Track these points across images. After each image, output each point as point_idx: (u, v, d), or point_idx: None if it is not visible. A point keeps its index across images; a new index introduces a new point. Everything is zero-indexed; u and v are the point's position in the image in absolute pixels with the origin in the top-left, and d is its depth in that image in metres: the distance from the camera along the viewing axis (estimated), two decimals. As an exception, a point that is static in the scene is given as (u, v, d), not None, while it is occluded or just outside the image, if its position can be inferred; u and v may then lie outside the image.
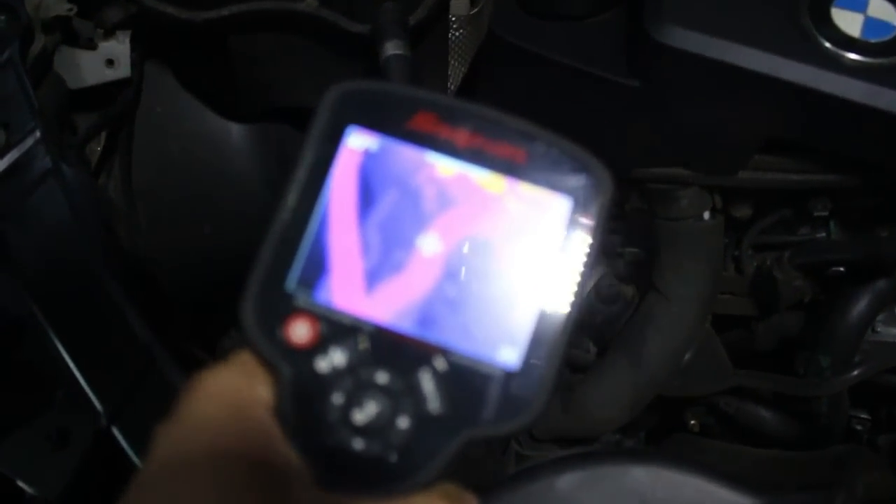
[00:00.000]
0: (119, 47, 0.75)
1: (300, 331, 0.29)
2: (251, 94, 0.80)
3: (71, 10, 0.71)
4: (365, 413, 0.28)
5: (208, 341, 0.86)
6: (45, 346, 0.59)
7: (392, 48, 0.64)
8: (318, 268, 0.29)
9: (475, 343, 0.29)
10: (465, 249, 0.30)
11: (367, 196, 0.30)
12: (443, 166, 0.30)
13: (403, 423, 0.28)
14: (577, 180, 0.30)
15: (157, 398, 0.60)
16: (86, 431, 0.58)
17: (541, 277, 0.29)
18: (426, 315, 0.29)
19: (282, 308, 0.29)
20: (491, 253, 0.30)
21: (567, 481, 0.53)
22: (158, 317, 0.65)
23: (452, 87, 0.89)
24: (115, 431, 0.59)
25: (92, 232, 0.62)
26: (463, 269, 0.30)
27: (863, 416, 0.82)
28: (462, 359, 0.29)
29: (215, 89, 0.81)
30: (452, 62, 0.88)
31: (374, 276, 0.29)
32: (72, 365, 0.59)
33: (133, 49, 0.77)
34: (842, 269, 0.72)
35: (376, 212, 0.30)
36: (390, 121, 0.30)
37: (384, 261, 0.29)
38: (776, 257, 0.74)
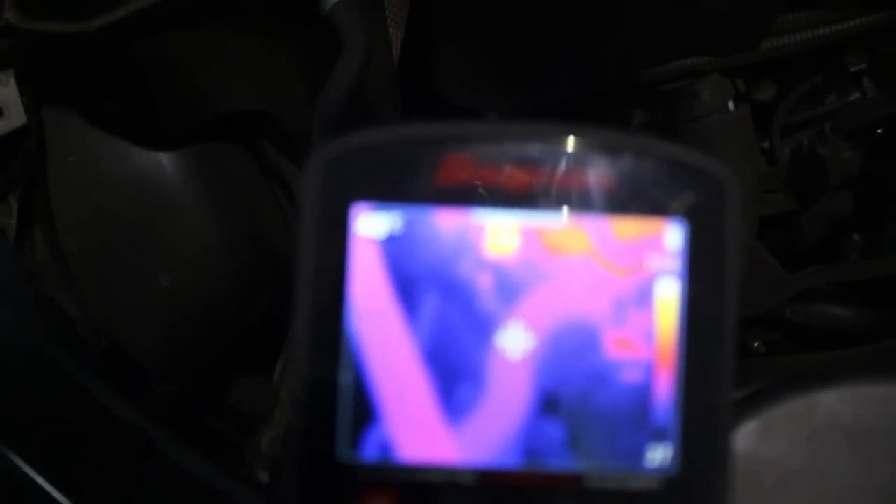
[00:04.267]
0: (5, 91, 0.62)
1: None
2: (175, 111, 0.68)
3: (-68, 58, 0.58)
4: None
5: (201, 401, 0.74)
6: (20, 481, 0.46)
7: (335, -5, 0.53)
8: (370, 415, 0.20)
9: (612, 454, 0.20)
10: (561, 333, 0.20)
11: (404, 299, 0.20)
12: (499, 225, 0.20)
13: None
14: (689, 192, 0.20)
15: (166, 483, 0.48)
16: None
17: (672, 340, 0.20)
18: (536, 437, 0.20)
19: (342, 489, 0.19)
20: (596, 327, 0.20)
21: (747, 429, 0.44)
22: (139, 393, 0.53)
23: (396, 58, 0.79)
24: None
25: (39, 319, 0.49)
26: (565, 360, 0.20)
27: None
28: (604, 480, 0.19)
29: (131, 117, 0.69)
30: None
31: (449, 407, 0.20)
32: (57, 494, 0.46)
33: (22, 92, 0.64)
34: (879, 130, 0.64)
35: (424, 317, 0.20)
36: (408, 182, 0.20)
37: (457, 381, 0.20)
38: (816, 133, 0.65)
